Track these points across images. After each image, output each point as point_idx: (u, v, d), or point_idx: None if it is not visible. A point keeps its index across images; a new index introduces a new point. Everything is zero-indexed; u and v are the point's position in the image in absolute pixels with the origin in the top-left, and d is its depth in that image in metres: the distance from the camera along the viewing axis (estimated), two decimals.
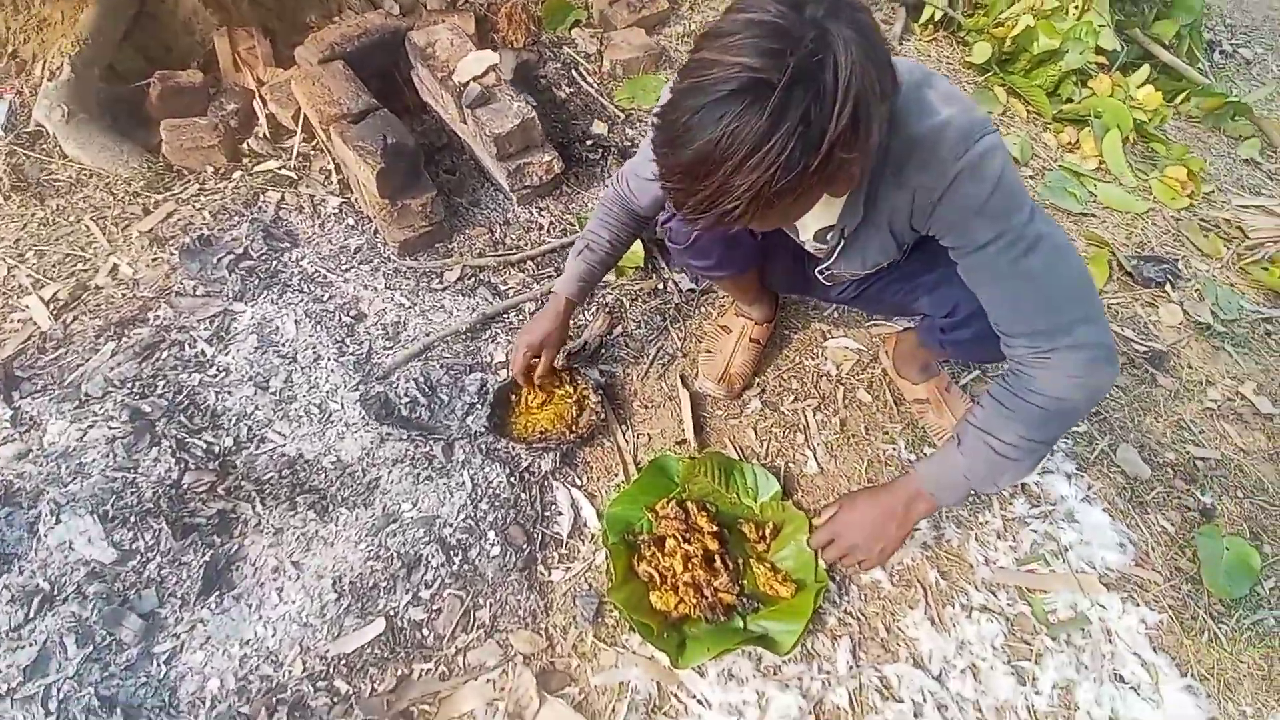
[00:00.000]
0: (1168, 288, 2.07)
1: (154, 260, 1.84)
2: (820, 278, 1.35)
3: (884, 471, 1.57)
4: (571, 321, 1.77)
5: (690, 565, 1.32)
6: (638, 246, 1.83)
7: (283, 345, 1.67)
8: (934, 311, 1.26)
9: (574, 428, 1.53)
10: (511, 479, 1.48)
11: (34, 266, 1.84)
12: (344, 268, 1.85)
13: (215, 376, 1.63)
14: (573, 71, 2.32)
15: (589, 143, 2.14)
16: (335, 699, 1.22)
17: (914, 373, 1.62)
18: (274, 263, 1.83)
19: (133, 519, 1.40)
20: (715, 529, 1.37)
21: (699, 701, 1.24)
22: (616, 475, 1.52)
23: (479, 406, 1.58)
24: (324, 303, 1.76)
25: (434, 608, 1.32)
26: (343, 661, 1.25)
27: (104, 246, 1.87)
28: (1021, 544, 1.48)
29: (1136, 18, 3.03)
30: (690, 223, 0.88)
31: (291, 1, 2.24)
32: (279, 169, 2.02)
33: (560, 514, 1.45)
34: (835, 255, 1.20)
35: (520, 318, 1.79)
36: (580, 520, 1.45)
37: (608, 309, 1.80)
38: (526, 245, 1.94)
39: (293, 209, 1.96)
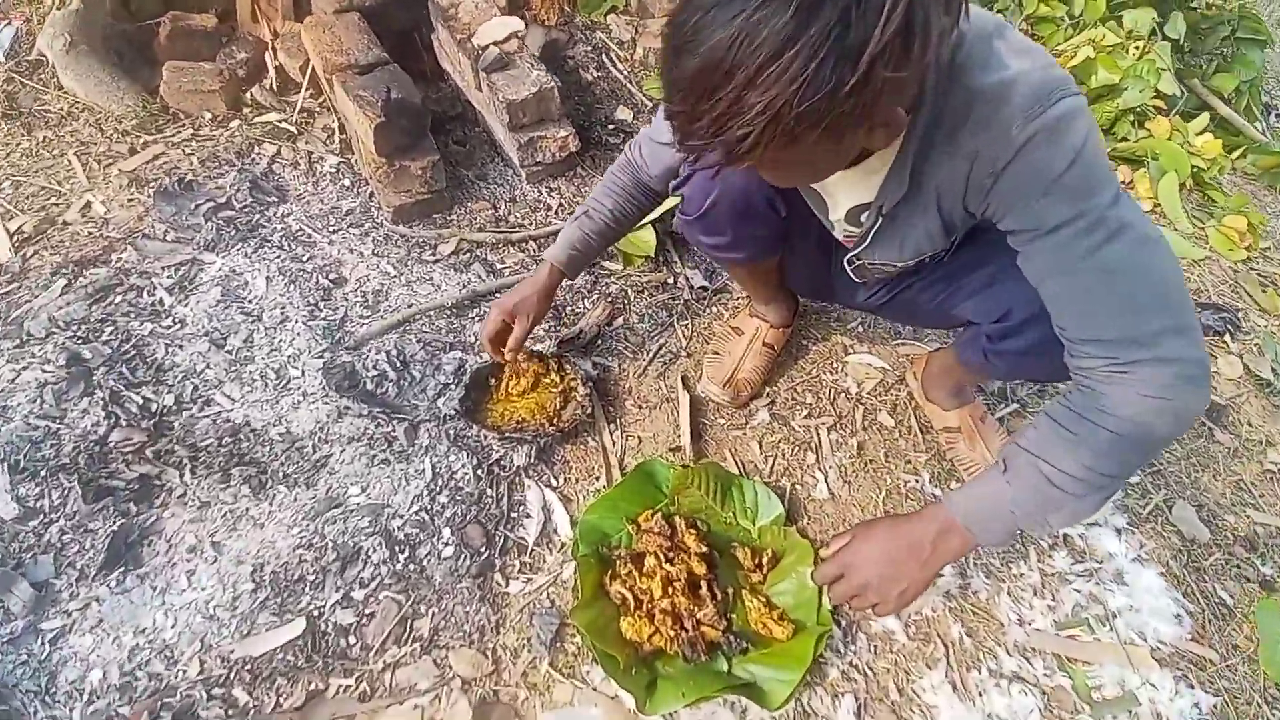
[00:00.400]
0: (1227, 338, 1.82)
1: (129, 201, 1.66)
2: (849, 270, 1.14)
3: (904, 505, 1.33)
4: (568, 309, 1.57)
5: (671, 590, 1.08)
6: (649, 234, 1.63)
7: (249, 301, 1.47)
8: (981, 317, 1.04)
9: (556, 420, 1.31)
10: (478, 471, 1.26)
11: (8, 197, 1.66)
12: (331, 229, 1.66)
13: (169, 328, 1.43)
14: (603, 56, 2.14)
15: (610, 127, 1.96)
16: (230, 711, 0.99)
17: (945, 397, 1.39)
18: (256, 215, 1.64)
19: (44, 474, 1.19)
20: (704, 550, 1.14)
21: None
22: (598, 479, 1.30)
23: (453, 388, 1.37)
24: (303, 262, 1.57)
25: (366, 611, 1.09)
26: (247, 666, 1.03)
27: (81, 183, 1.69)
28: (1062, 604, 1.23)
29: (1195, 68, 2.83)
30: (693, 158, 0.68)
31: None
32: (280, 122, 1.85)
33: (529, 516, 1.23)
34: (869, 239, 0.99)
35: None
36: (550, 526, 1.23)
37: (609, 298, 1.59)
38: (531, 225, 1.74)
39: (287, 164, 1.78)
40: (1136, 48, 2.47)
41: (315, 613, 1.08)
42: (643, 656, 1.04)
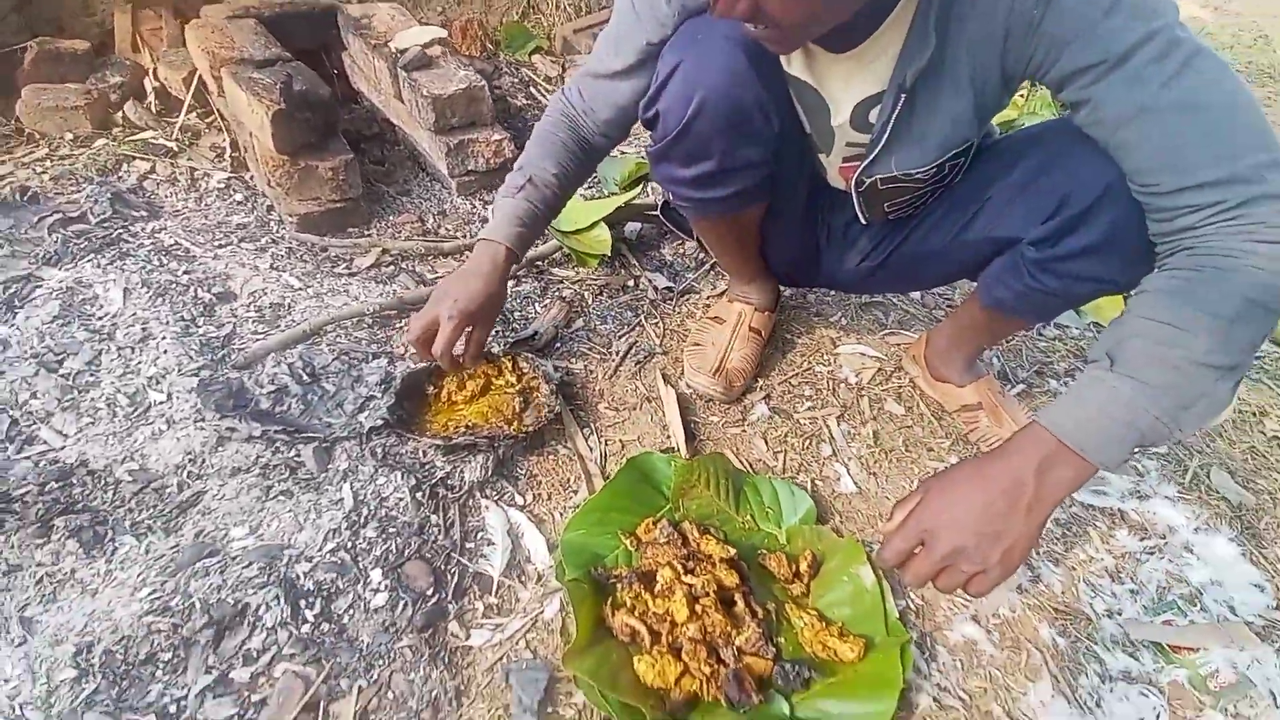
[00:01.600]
0: None
1: None
2: (859, 207, 0.97)
3: None
4: (516, 315, 1.31)
5: (701, 611, 0.78)
6: (604, 233, 1.43)
7: (97, 317, 1.12)
8: (1026, 224, 0.86)
9: (516, 422, 1.01)
10: (418, 494, 0.93)
11: None
12: (217, 243, 1.35)
13: None
14: (530, 88, 2.02)
15: None
16: None
17: (958, 371, 1.20)
18: (118, 230, 1.31)
19: None
20: (730, 555, 0.85)
21: None
22: (576, 492, 0.99)
23: (380, 398, 1.05)
24: (176, 275, 1.24)
25: (253, 697, 0.71)
26: None
27: None
28: (1145, 588, 1.01)
29: None
30: None
31: None
32: (157, 139, 1.56)
33: (490, 544, 0.90)
34: (886, 136, 0.82)
35: None
36: (521, 553, 0.90)
37: (564, 300, 1.34)
38: (465, 237, 1.50)
39: (163, 180, 1.47)
40: None
41: (173, 707, 0.69)
42: (673, 708, 0.72)
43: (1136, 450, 0.70)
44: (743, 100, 0.83)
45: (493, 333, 1.24)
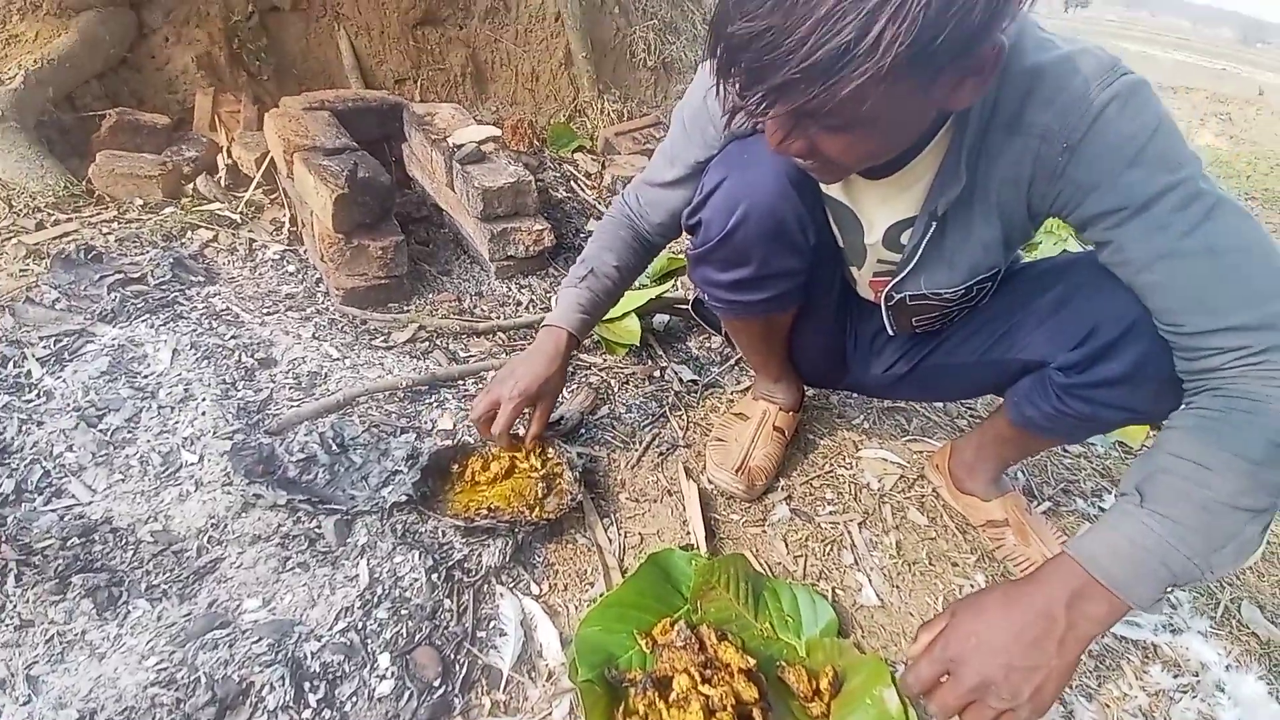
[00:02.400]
0: None
1: (22, 271, 1.36)
2: (886, 319, 0.99)
3: None
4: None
5: None
6: (634, 323, 1.46)
7: (144, 375, 1.15)
8: (1054, 349, 0.87)
9: (538, 509, 1.00)
10: (434, 576, 0.91)
11: None
12: (266, 310, 1.40)
13: (29, 401, 1.08)
14: (571, 182, 2.13)
15: (582, 236, 1.87)
16: None
17: (983, 485, 1.18)
18: (175, 293, 1.36)
19: None
20: (749, 666, 0.82)
21: None
22: (592, 584, 0.97)
23: (405, 474, 1.05)
24: (224, 339, 1.28)
25: None
26: None
27: None
28: None
29: None
30: (753, 116, 0.59)
31: (293, 81, 2.06)
32: (222, 210, 1.65)
33: (502, 634, 0.87)
34: (917, 257, 0.85)
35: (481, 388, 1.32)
36: (533, 646, 0.87)
37: (591, 387, 1.36)
38: (499, 319, 1.54)
39: (223, 249, 1.55)
40: None
41: None
42: None
43: (1169, 589, 0.67)
44: (784, 216, 0.87)
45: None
